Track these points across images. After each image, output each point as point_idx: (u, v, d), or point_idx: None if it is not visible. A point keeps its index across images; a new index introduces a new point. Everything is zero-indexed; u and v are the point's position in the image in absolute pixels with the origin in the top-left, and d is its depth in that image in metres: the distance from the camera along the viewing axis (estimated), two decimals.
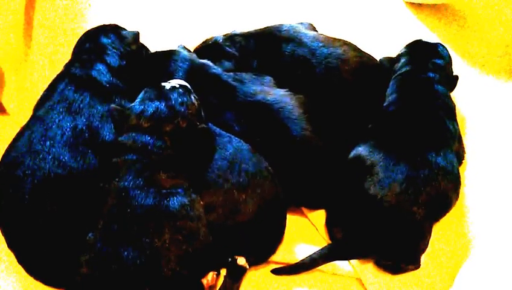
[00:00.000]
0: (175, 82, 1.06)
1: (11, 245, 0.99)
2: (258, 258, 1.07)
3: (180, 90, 1.03)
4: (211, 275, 1.01)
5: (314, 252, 1.07)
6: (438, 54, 1.24)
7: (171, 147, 0.97)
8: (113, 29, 1.23)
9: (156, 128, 0.97)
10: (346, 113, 1.19)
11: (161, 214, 0.91)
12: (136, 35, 1.25)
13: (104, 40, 1.19)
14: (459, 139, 1.16)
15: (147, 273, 0.88)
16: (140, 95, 1.03)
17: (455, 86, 1.24)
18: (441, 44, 1.29)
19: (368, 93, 1.21)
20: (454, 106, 1.18)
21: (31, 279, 1.01)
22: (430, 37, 1.51)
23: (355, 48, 1.25)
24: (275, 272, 1.08)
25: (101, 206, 0.94)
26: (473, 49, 1.48)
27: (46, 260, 0.98)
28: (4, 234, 0.99)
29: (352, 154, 1.10)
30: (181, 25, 1.50)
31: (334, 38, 1.26)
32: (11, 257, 1.01)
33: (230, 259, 1.03)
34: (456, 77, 1.24)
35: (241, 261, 1.03)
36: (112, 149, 1.00)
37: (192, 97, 1.04)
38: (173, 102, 1.00)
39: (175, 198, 0.93)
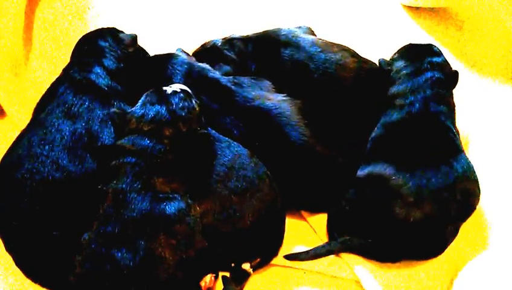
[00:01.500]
0: (176, 86, 1.07)
1: (9, 248, 0.99)
2: (260, 261, 1.07)
3: (182, 94, 1.03)
4: (208, 278, 1.02)
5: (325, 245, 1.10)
6: (434, 52, 1.21)
7: (170, 152, 0.97)
8: (111, 32, 1.23)
9: (156, 132, 0.98)
10: (345, 118, 1.19)
11: (157, 218, 0.92)
12: (134, 38, 1.25)
13: (102, 43, 1.19)
14: None
15: (141, 276, 0.88)
16: (142, 99, 1.03)
17: (456, 82, 1.19)
18: (432, 44, 1.25)
19: (366, 99, 1.21)
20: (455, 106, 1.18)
21: (29, 282, 1.01)
22: (428, 41, 1.51)
23: (353, 54, 1.24)
24: (288, 257, 1.09)
25: (97, 208, 0.94)
26: (471, 52, 1.48)
27: (44, 263, 0.98)
28: (2, 237, 1.00)
29: (369, 171, 1.07)
30: (180, 28, 1.50)
31: (333, 44, 1.26)
32: (9, 259, 1.00)
33: (234, 264, 1.03)
34: (456, 72, 1.19)
35: (246, 266, 1.03)
36: (111, 152, 1.00)
37: (194, 102, 1.05)
38: (174, 106, 1.00)
39: (172, 203, 0.93)
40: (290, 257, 1.09)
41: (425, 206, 0.99)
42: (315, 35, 1.35)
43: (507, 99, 1.38)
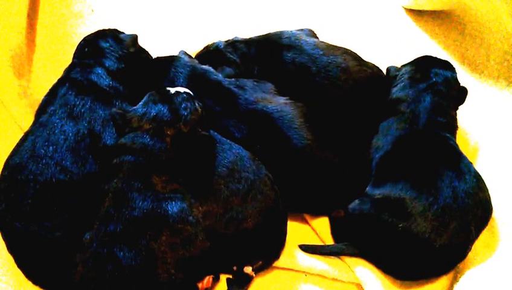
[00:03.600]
0: (180, 88, 1.07)
1: (11, 249, 0.99)
2: (262, 264, 1.07)
3: (185, 95, 1.04)
4: (206, 279, 1.02)
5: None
6: (444, 65, 1.21)
7: (171, 151, 0.97)
8: (111, 33, 1.24)
9: (157, 130, 0.98)
10: (346, 122, 1.20)
11: (160, 217, 0.92)
12: (134, 38, 1.25)
13: (103, 44, 1.19)
14: None
15: (142, 275, 0.88)
16: (144, 99, 1.04)
17: (464, 99, 1.20)
18: (448, 61, 1.25)
19: (367, 103, 1.21)
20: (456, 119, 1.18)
21: (30, 284, 1.01)
22: (430, 44, 1.52)
23: (355, 57, 1.25)
24: (303, 247, 1.11)
25: (98, 207, 0.94)
26: (472, 56, 1.48)
27: (45, 265, 0.98)
28: (4, 238, 1.00)
29: (385, 193, 1.05)
30: (183, 30, 1.51)
31: (335, 46, 1.26)
32: (11, 260, 1.00)
33: (236, 267, 1.03)
34: (464, 89, 1.20)
35: (248, 269, 1.03)
36: (112, 151, 1.00)
37: (197, 103, 1.05)
38: (177, 106, 1.00)
39: (173, 202, 0.94)
40: (304, 247, 1.10)
41: (450, 229, 0.98)
42: (317, 38, 1.36)
43: (508, 104, 1.38)
